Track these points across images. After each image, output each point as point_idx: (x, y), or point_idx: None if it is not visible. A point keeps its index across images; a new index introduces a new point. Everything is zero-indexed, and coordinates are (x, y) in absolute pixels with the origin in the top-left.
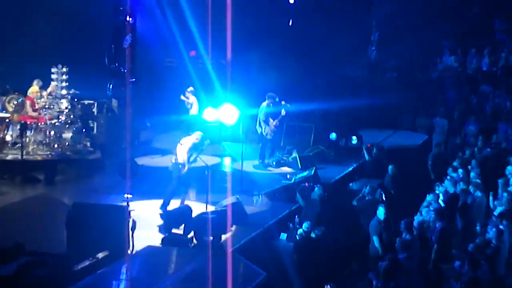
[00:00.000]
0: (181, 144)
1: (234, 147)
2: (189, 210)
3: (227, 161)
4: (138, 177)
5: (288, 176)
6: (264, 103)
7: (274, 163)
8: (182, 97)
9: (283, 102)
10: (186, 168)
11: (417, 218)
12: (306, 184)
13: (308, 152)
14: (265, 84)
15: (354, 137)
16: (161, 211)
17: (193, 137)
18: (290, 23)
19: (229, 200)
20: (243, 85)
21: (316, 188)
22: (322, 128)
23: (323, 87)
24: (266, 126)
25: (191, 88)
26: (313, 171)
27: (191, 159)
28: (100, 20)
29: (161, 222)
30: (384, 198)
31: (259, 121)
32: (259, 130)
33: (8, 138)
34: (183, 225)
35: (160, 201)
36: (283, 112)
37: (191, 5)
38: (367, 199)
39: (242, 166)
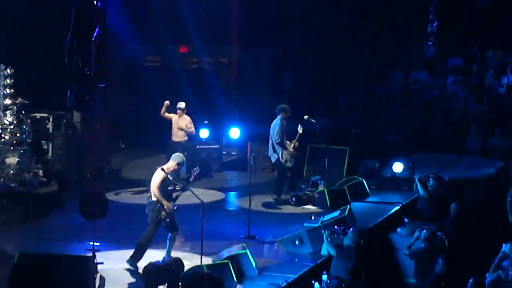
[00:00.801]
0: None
1: (239, 177)
2: (179, 263)
3: (230, 196)
4: (108, 218)
5: (312, 217)
6: (277, 119)
7: (293, 199)
8: (165, 114)
9: (305, 117)
10: (167, 207)
11: (489, 275)
12: (337, 227)
13: (340, 184)
14: (282, 92)
15: (401, 164)
16: (131, 266)
17: (170, 164)
18: (318, 12)
19: (233, 249)
20: (252, 93)
21: (350, 233)
22: (359, 151)
23: (362, 96)
24: (283, 151)
25: (182, 104)
26: (346, 211)
27: (174, 195)
28: (57, 3)
29: (139, 279)
30: (445, 246)
31: (273, 145)
32: (273, 158)
33: None
34: (168, 284)
35: None
36: (300, 130)
37: None
38: (422, 247)
39: (250, 204)
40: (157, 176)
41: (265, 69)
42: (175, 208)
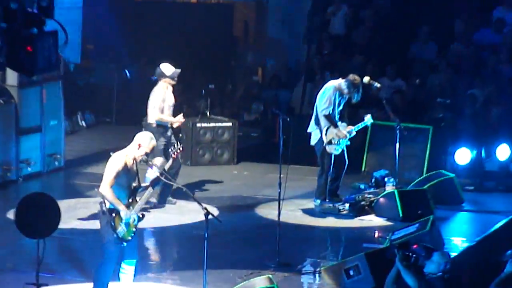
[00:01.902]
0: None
1: (263, 172)
2: None
3: (247, 202)
4: (59, 235)
5: (376, 234)
6: (333, 83)
7: (346, 206)
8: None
9: (366, 79)
10: (125, 214)
11: None
12: (416, 246)
13: (418, 183)
14: (330, 41)
15: (508, 149)
16: None
17: (131, 150)
18: None
19: (254, 283)
20: (283, 43)
21: (435, 256)
22: (449, 132)
23: (453, 48)
24: (330, 127)
25: (169, 68)
26: (428, 224)
27: (137, 209)
28: None
29: None
30: None
31: (317, 116)
32: (314, 136)
33: None
34: None
35: None
36: (368, 120)
37: None
38: None
39: (279, 214)
40: (112, 166)
41: (303, 6)
42: (140, 216)
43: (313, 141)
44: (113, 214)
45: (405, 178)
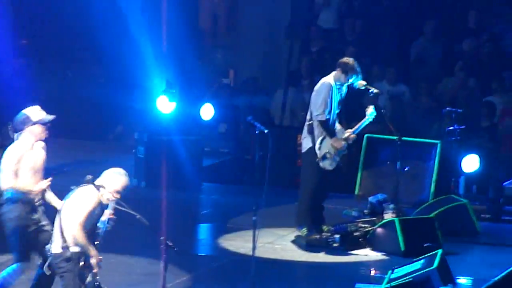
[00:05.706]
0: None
1: (236, 196)
2: None
3: (213, 232)
4: None
5: (373, 272)
6: (326, 80)
7: (337, 237)
8: None
9: (362, 83)
10: (96, 258)
11: None
12: None
13: (424, 210)
14: (318, 32)
15: None
16: None
17: (110, 185)
18: None
19: None
20: (254, 34)
21: None
22: (461, 148)
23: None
24: (326, 137)
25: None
26: (436, 260)
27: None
28: None
29: None
30: None
31: (310, 122)
32: (305, 144)
33: None
34: None
35: None
36: (369, 114)
37: None
38: None
39: (254, 246)
40: (83, 203)
41: None
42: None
43: (303, 150)
44: (81, 259)
45: (407, 203)
